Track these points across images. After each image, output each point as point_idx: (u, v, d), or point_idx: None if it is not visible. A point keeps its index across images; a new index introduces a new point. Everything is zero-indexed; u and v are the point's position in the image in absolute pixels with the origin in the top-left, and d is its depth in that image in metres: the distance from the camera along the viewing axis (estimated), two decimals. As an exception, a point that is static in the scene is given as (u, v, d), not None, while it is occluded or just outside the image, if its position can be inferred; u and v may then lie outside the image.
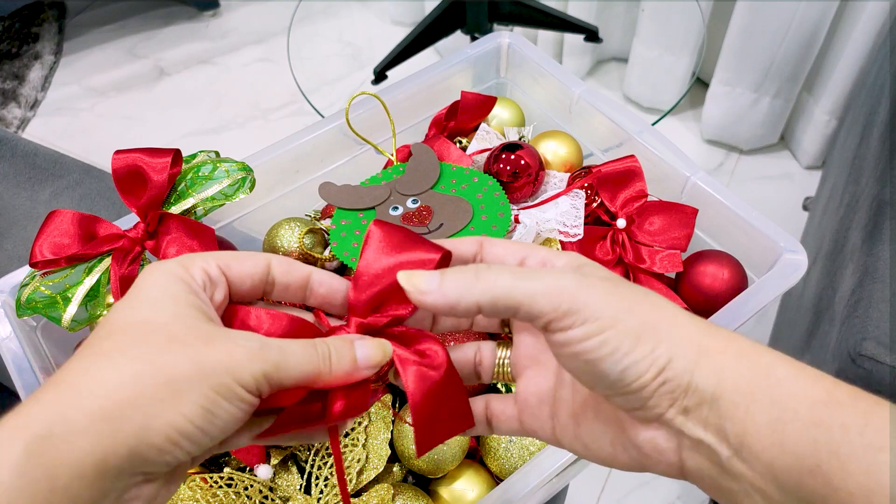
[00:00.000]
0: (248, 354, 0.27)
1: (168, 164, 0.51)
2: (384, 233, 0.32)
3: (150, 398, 0.25)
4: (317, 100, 1.51)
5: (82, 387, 0.25)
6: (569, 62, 1.61)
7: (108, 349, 0.26)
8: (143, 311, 0.27)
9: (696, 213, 0.57)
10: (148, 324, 0.27)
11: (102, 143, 1.68)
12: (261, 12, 1.97)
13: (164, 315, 0.27)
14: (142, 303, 0.28)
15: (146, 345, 0.26)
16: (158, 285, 0.28)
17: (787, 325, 1.00)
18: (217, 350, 0.26)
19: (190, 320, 0.27)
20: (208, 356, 0.26)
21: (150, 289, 0.28)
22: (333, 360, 0.29)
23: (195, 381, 0.25)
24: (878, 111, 0.85)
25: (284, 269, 0.32)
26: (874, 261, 0.61)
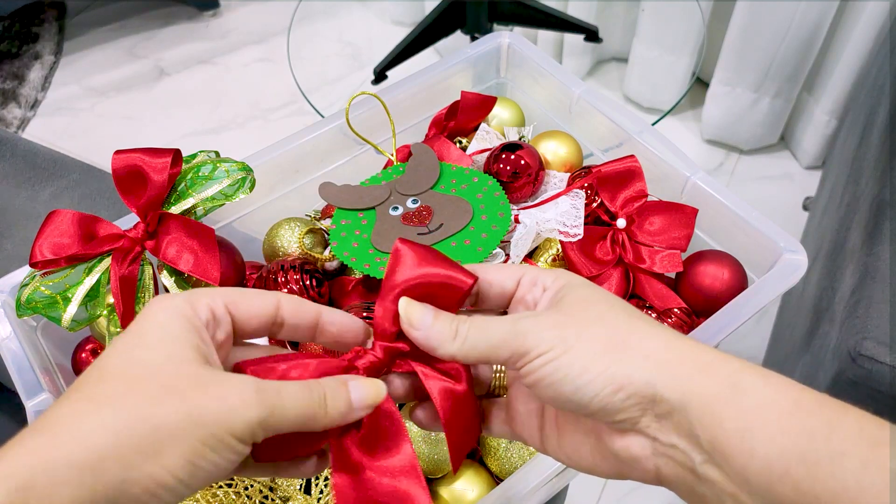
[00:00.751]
0: (242, 401, 0.26)
1: (168, 163, 0.51)
2: (415, 252, 0.32)
3: (132, 450, 0.24)
4: (317, 100, 1.51)
5: (66, 435, 0.24)
6: (569, 62, 1.61)
7: (97, 396, 0.26)
8: (139, 353, 0.27)
9: (696, 213, 0.57)
10: (141, 368, 0.26)
11: (102, 143, 1.68)
12: (261, 12, 1.97)
13: (160, 357, 0.27)
14: (139, 343, 0.27)
15: (135, 393, 0.25)
16: (160, 324, 0.28)
17: (787, 325, 1.00)
18: (210, 397, 0.26)
19: (185, 365, 0.27)
20: (200, 406, 0.26)
21: (151, 327, 0.28)
22: (329, 403, 0.29)
23: (183, 434, 0.25)
24: (878, 111, 0.85)
25: (294, 308, 0.31)
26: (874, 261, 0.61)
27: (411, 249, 0.32)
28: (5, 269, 0.57)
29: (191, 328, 0.28)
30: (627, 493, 1.17)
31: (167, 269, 0.51)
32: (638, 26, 1.50)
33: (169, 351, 0.27)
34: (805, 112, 1.47)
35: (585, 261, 0.57)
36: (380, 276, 0.54)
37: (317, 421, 0.28)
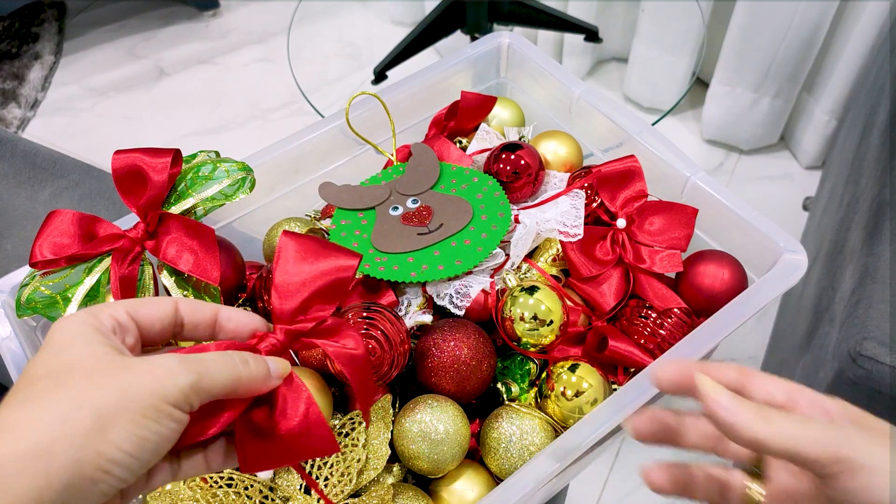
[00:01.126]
0: (169, 371, 0.28)
1: (168, 163, 0.51)
2: (297, 243, 0.36)
3: (78, 432, 0.26)
4: (317, 100, 1.51)
5: (13, 431, 0.26)
6: (569, 62, 1.61)
7: (34, 394, 0.27)
8: (62, 356, 0.28)
9: (696, 213, 0.57)
10: (68, 365, 0.28)
11: (102, 143, 1.68)
12: (261, 12, 1.97)
13: (81, 356, 0.28)
14: (58, 350, 0.29)
15: (69, 384, 0.27)
16: (71, 332, 0.29)
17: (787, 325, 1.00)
18: (138, 374, 0.27)
19: (107, 356, 0.28)
20: (132, 382, 0.27)
21: (64, 336, 0.29)
22: (252, 365, 0.31)
23: (122, 410, 0.26)
24: (878, 111, 0.85)
25: (191, 309, 0.33)
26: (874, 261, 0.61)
27: (294, 241, 0.36)
28: (5, 269, 0.57)
29: (100, 333, 0.29)
30: (627, 493, 1.17)
31: (167, 268, 0.51)
32: (638, 26, 1.50)
33: (87, 350, 0.28)
34: (805, 112, 1.47)
35: (585, 261, 0.57)
36: (380, 276, 0.54)
37: (242, 383, 0.30)
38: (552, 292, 0.54)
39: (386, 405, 0.51)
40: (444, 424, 0.49)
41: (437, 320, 0.55)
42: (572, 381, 0.52)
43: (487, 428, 0.52)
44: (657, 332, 0.55)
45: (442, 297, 0.55)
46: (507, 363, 0.56)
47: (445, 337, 0.52)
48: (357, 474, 0.49)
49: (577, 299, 0.58)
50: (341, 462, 0.49)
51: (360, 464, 0.48)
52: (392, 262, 0.55)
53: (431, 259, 0.55)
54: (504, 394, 0.55)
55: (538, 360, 0.56)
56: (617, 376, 0.55)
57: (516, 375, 0.55)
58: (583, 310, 0.58)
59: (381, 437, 0.50)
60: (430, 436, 0.49)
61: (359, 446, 0.49)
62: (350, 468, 0.48)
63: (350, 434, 0.50)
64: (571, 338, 0.56)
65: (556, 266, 0.60)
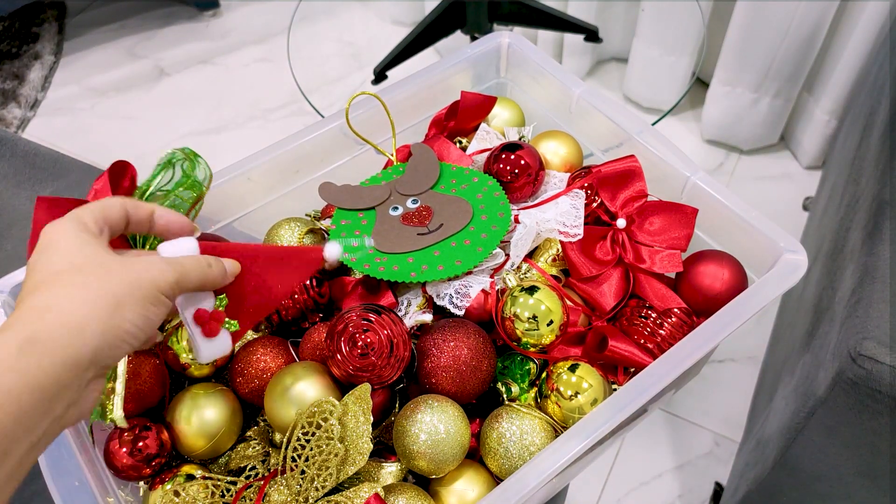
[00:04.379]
0: (160, 269, 0.37)
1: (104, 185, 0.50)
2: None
3: (103, 312, 0.34)
4: (317, 100, 1.51)
5: (54, 310, 0.33)
6: (569, 62, 1.61)
7: (62, 283, 0.35)
8: (70, 256, 0.36)
9: (696, 213, 0.57)
10: (80, 261, 0.36)
11: (102, 143, 1.68)
12: (261, 12, 1.97)
13: (88, 254, 0.36)
14: (63, 251, 0.36)
15: (89, 276, 0.35)
16: (68, 235, 0.37)
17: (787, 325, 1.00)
18: (140, 270, 0.36)
19: (106, 256, 0.37)
20: (136, 275, 0.36)
21: (61, 239, 0.36)
22: (214, 266, 0.41)
23: (131, 295, 0.35)
24: (878, 111, 0.85)
25: (133, 206, 0.41)
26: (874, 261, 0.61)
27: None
28: (5, 269, 0.57)
29: (91, 235, 0.37)
30: (627, 492, 1.17)
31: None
32: (638, 26, 1.50)
33: (90, 250, 0.36)
34: (805, 112, 1.47)
35: (585, 261, 0.57)
36: (380, 276, 0.54)
37: (207, 279, 0.40)
38: (552, 292, 0.54)
39: (364, 395, 0.50)
40: (444, 424, 0.49)
41: (437, 320, 0.55)
42: (572, 381, 0.52)
43: (487, 428, 0.52)
44: (657, 332, 0.55)
45: (442, 297, 0.55)
46: (507, 363, 0.56)
47: (445, 337, 0.52)
48: (337, 468, 0.48)
49: (577, 299, 0.58)
50: (317, 455, 0.48)
51: (337, 458, 0.47)
52: (392, 263, 0.55)
53: (431, 259, 0.55)
54: (504, 394, 0.55)
55: (538, 360, 0.56)
56: (617, 376, 0.55)
57: (516, 375, 0.55)
58: (583, 310, 0.58)
59: (360, 429, 0.49)
60: (431, 436, 0.49)
61: (334, 440, 0.48)
62: (328, 463, 0.48)
63: (322, 426, 0.49)
64: (571, 338, 0.56)
65: (556, 266, 0.60)
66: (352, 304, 0.56)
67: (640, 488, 1.17)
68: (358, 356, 0.50)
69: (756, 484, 0.80)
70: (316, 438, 0.48)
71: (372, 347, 0.50)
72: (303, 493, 0.48)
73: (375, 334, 0.50)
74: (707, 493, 1.15)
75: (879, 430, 0.59)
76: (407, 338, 0.51)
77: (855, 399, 0.57)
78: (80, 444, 0.50)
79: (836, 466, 0.68)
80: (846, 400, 0.58)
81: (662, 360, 0.50)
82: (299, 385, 0.51)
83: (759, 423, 0.90)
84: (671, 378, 0.49)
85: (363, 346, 0.50)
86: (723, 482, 1.14)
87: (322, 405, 0.49)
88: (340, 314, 0.52)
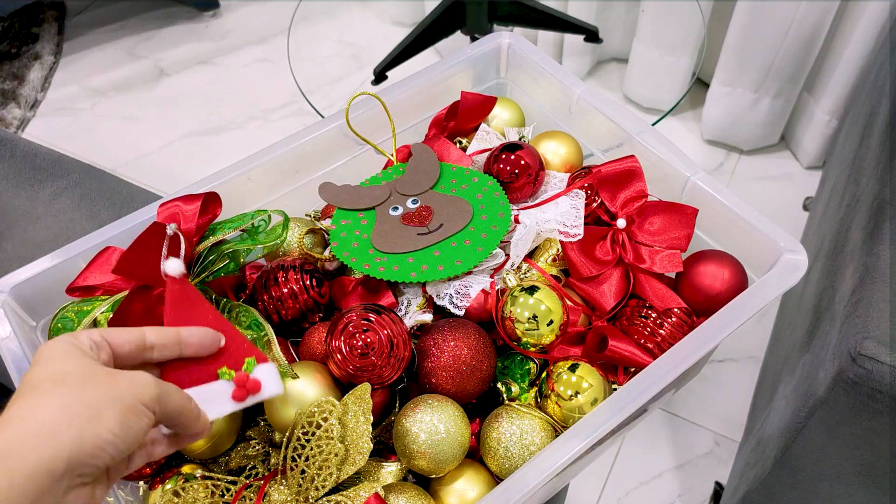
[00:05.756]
0: (144, 382, 0.37)
1: (196, 211, 0.52)
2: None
3: (78, 417, 0.33)
4: (317, 100, 1.51)
5: (27, 418, 0.33)
6: (569, 62, 1.61)
7: (38, 393, 0.34)
8: (54, 367, 0.36)
9: (697, 213, 0.57)
10: (62, 372, 0.35)
11: (102, 143, 1.68)
12: (261, 12, 1.97)
13: (72, 366, 0.36)
14: (50, 363, 0.36)
15: (67, 384, 0.35)
16: (57, 350, 0.36)
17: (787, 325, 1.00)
18: (122, 382, 0.36)
19: (92, 367, 0.36)
20: (117, 386, 0.36)
21: (51, 353, 0.36)
22: (193, 405, 0.40)
23: (110, 404, 0.35)
24: (879, 111, 0.85)
25: (156, 331, 0.41)
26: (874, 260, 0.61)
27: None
28: (5, 269, 0.57)
29: (80, 351, 0.37)
30: (628, 492, 1.17)
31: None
32: (638, 26, 1.50)
33: (75, 362, 0.36)
34: (805, 112, 1.47)
35: (585, 261, 0.57)
36: (380, 276, 0.54)
37: (183, 413, 0.39)
38: (552, 292, 0.54)
39: (364, 395, 0.50)
40: (444, 424, 0.49)
41: (437, 320, 0.55)
42: (572, 381, 0.52)
43: (487, 428, 0.52)
44: (657, 331, 0.55)
45: (442, 297, 0.55)
46: (507, 363, 0.56)
47: (445, 337, 0.52)
48: (337, 467, 0.48)
49: (577, 299, 0.58)
50: (317, 455, 0.48)
51: (337, 458, 0.48)
52: (392, 263, 0.55)
53: (431, 259, 0.55)
54: (504, 394, 0.55)
55: (538, 359, 0.56)
56: (617, 376, 0.55)
57: (516, 375, 0.55)
58: (583, 310, 0.58)
59: (360, 429, 0.49)
60: (431, 435, 0.49)
61: (334, 439, 0.48)
62: (328, 462, 0.48)
63: (322, 426, 0.49)
64: (571, 338, 0.56)
65: (556, 266, 0.60)
66: (352, 304, 0.56)
67: (640, 488, 1.17)
68: (358, 356, 0.50)
69: (756, 484, 0.80)
70: (316, 438, 0.48)
71: (372, 347, 0.50)
72: (303, 493, 0.48)
73: (375, 334, 0.50)
74: (707, 493, 1.15)
75: (879, 430, 0.59)
76: (407, 338, 0.51)
77: (855, 399, 0.57)
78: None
79: (836, 466, 0.68)
80: (846, 400, 0.58)
81: (662, 360, 0.50)
82: (299, 385, 0.51)
83: (759, 422, 0.90)
84: (671, 378, 0.49)
85: (363, 345, 0.50)
86: (723, 482, 1.13)
87: (322, 405, 0.49)
88: (340, 314, 0.52)
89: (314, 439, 0.48)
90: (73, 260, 0.56)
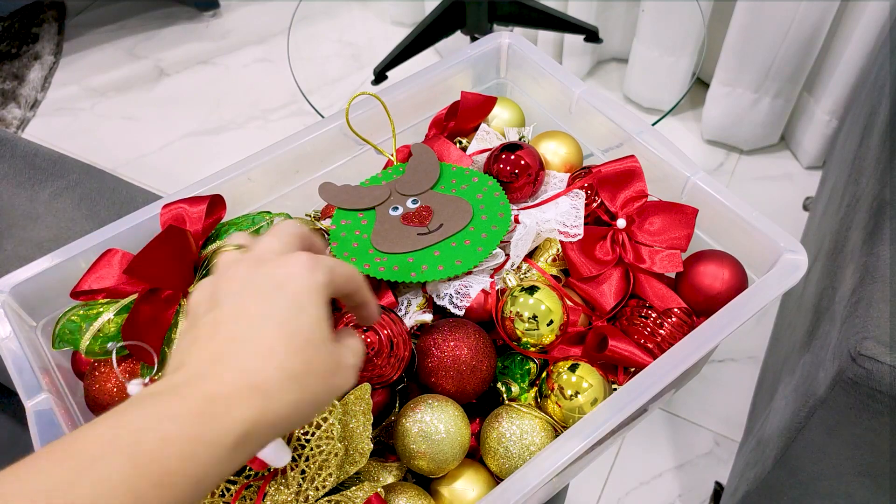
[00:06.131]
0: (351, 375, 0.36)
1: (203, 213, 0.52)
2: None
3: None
4: (317, 100, 1.51)
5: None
6: (569, 62, 1.61)
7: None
8: (297, 321, 0.33)
9: (697, 213, 0.57)
10: (298, 330, 0.33)
11: (102, 143, 1.68)
12: (261, 12, 1.97)
13: (310, 322, 0.34)
14: (292, 309, 0.33)
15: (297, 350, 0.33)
16: (306, 292, 0.34)
17: (787, 325, 1.00)
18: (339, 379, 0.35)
19: (325, 327, 0.34)
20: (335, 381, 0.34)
21: (300, 294, 0.34)
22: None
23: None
24: (879, 111, 0.85)
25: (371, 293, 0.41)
26: (874, 261, 0.61)
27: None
28: (5, 269, 0.57)
29: (325, 302, 0.35)
30: (628, 492, 1.17)
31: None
32: (638, 26, 1.50)
33: (313, 317, 0.34)
34: (805, 112, 1.47)
35: (585, 261, 0.57)
36: (380, 276, 0.54)
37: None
38: (552, 292, 0.54)
39: (364, 395, 0.50)
40: (444, 424, 0.49)
41: (437, 320, 0.55)
42: (572, 381, 0.52)
43: (487, 428, 0.52)
44: (657, 332, 0.55)
45: (442, 297, 0.55)
46: (507, 363, 0.56)
47: (445, 337, 0.52)
48: (337, 467, 0.48)
49: (577, 299, 0.58)
50: (317, 455, 0.48)
51: (337, 458, 0.47)
52: (392, 263, 0.55)
53: (431, 259, 0.55)
54: (504, 394, 0.55)
55: (538, 359, 0.56)
56: (617, 376, 0.55)
57: (516, 375, 0.55)
58: (583, 310, 0.58)
59: (360, 429, 0.49)
60: (431, 435, 0.49)
61: (334, 439, 0.48)
62: (328, 462, 0.48)
63: (323, 426, 0.49)
64: (571, 338, 0.56)
65: (556, 266, 0.60)
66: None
67: (640, 488, 1.17)
68: (358, 356, 0.50)
69: (756, 483, 0.80)
70: (316, 438, 0.48)
71: (372, 347, 0.50)
72: (303, 493, 0.48)
73: (375, 334, 0.50)
74: (707, 493, 1.15)
75: (879, 430, 0.59)
76: (407, 337, 0.51)
77: (855, 399, 0.57)
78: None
79: (836, 466, 0.68)
80: (846, 400, 0.58)
81: (662, 360, 0.50)
82: (299, 385, 0.51)
83: (759, 422, 0.90)
84: (671, 378, 0.49)
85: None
86: (723, 482, 1.13)
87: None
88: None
89: (314, 439, 0.48)
90: (73, 260, 0.56)
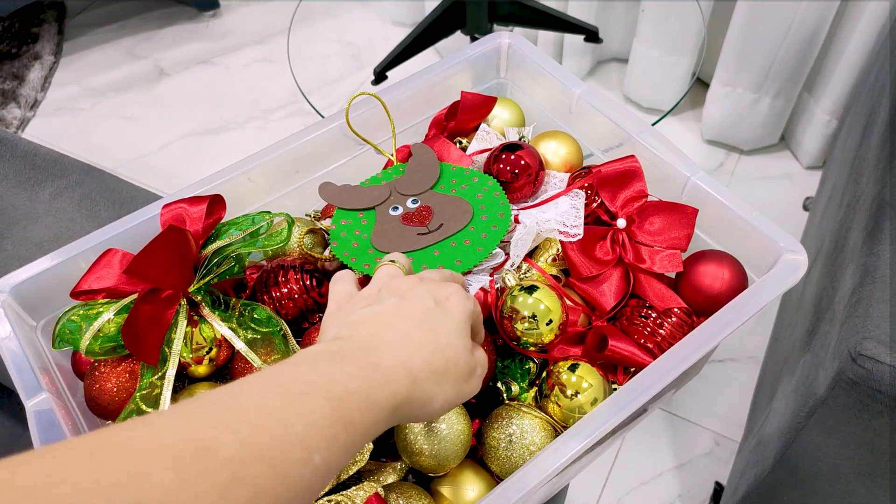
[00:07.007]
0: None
1: (203, 212, 0.52)
2: None
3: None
4: (317, 100, 1.51)
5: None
6: (569, 62, 1.61)
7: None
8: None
9: (697, 213, 0.57)
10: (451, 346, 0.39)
11: (102, 143, 1.68)
12: (261, 12, 1.97)
13: (458, 334, 0.40)
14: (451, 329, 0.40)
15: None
16: (459, 311, 0.41)
17: (787, 325, 1.00)
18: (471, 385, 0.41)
19: (468, 341, 0.41)
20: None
21: (454, 311, 0.41)
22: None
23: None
24: (879, 111, 0.85)
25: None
26: (874, 261, 0.61)
27: None
28: (5, 269, 0.57)
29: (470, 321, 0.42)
30: (628, 492, 1.17)
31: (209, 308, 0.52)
32: (638, 26, 1.50)
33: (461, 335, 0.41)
34: (805, 112, 1.47)
35: (585, 261, 0.57)
36: (380, 276, 0.54)
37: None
38: (552, 292, 0.54)
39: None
40: (445, 422, 0.49)
41: (437, 320, 0.55)
42: (572, 380, 0.52)
43: (487, 427, 0.52)
44: (657, 331, 0.55)
45: (442, 297, 0.55)
46: (507, 363, 0.56)
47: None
48: None
49: (577, 299, 0.58)
50: None
51: None
52: (392, 262, 0.55)
53: (431, 259, 0.55)
54: (504, 393, 0.55)
55: (538, 359, 0.56)
56: (617, 376, 0.55)
57: (516, 375, 0.55)
58: (583, 310, 0.58)
59: None
60: (432, 434, 0.49)
61: None
62: None
63: None
64: (571, 337, 0.56)
65: (556, 266, 0.60)
66: (352, 303, 0.56)
67: (640, 488, 1.17)
68: (358, 356, 0.50)
69: (756, 483, 0.80)
70: None
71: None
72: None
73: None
74: (707, 493, 1.15)
75: (879, 430, 0.59)
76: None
77: (855, 399, 0.57)
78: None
79: (836, 466, 0.68)
80: (846, 400, 0.58)
81: (662, 360, 0.50)
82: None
83: (759, 422, 0.90)
84: (671, 378, 0.49)
85: (363, 345, 0.50)
86: (723, 482, 1.14)
87: None
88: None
89: None
90: (73, 260, 0.56)
